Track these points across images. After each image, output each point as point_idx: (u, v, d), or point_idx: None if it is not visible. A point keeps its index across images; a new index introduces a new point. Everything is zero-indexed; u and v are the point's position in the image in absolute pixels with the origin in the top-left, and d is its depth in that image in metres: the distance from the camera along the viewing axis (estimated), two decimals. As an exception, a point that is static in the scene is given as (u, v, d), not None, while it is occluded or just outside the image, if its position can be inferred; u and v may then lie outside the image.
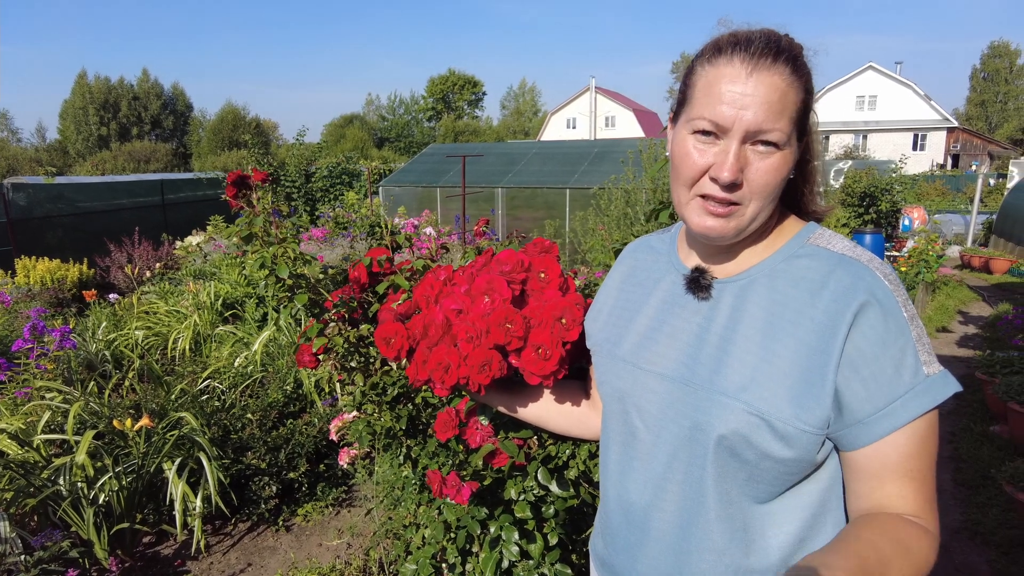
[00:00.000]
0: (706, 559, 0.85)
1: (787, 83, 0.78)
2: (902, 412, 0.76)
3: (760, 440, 0.78)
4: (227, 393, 3.57)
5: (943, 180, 23.93)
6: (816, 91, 0.85)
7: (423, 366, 1.01)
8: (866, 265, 0.80)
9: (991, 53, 49.34)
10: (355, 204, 8.95)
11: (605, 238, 2.37)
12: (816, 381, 0.77)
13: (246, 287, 5.34)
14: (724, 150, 0.79)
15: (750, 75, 0.77)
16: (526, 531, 1.40)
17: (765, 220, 0.84)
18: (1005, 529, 3.05)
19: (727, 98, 0.78)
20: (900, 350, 0.76)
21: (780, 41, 0.80)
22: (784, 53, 0.79)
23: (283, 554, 2.91)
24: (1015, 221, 11.70)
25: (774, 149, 0.79)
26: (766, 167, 0.79)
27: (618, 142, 12.01)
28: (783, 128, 0.78)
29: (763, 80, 0.77)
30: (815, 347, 0.78)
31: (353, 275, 1.61)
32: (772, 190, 0.81)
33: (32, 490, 2.62)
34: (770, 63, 0.78)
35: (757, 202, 0.81)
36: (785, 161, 0.80)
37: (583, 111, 40.13)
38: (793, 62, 0.79)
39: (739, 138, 0.78)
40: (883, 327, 0.76)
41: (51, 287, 6.72)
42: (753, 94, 0.77)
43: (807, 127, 0.84)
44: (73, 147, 46.97)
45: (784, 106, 0.78)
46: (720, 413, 0.81)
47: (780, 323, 0.81)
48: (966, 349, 6.16)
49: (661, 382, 0.88)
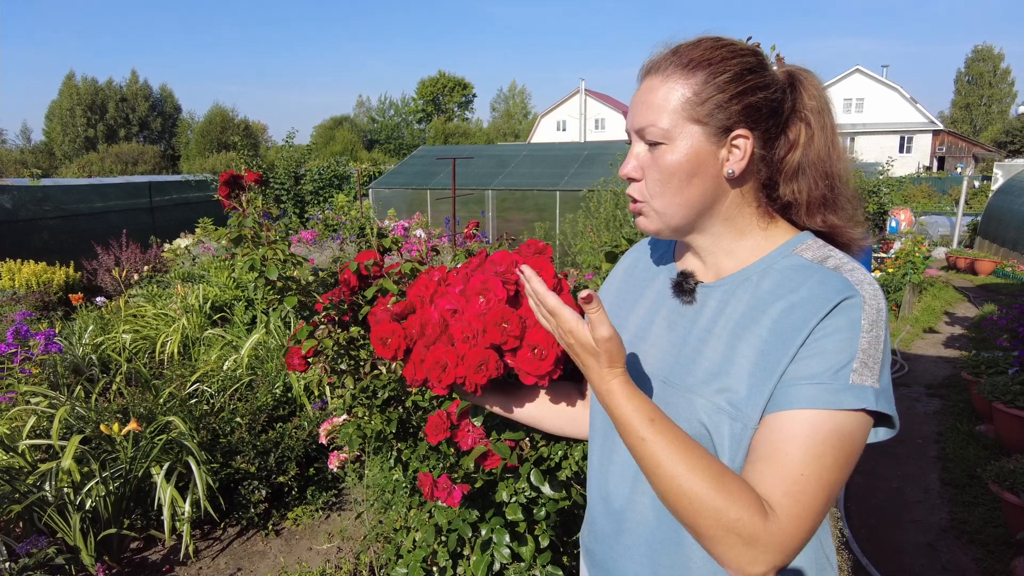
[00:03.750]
0: (679, 551, 0.86)
1: (666, 80, 0.83)
2: (803, 394, 0.73)
3: (726, 430, 0.80)
4: (216, 397, 3.54)
5: (929, 182, 24.21)
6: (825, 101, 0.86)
7: (420, 365, 1.01)
8: (844, 276, 0.78)
9: (975, 57, 49.92)
10: (345, 206, 8.92)
11: (594, 240, 2.37)
12: (767, 377, 0.77)
13: (235, 290, 5.31)
14: (629, 152, 0.88)
15: (640, 84, 0.87)
16: (517, 533, 1.40)
17: (688, 217, 0.86)
18: (991, 528, 3.09)
19: (629, 109, 0.88)
20: (837, 348, 0.74)
21: (677, 47, 0.85)
22: (675, 56, 0.84)
23: (273, 558, 2.89)
24: (999, 223, 11.85)
25: (658, 145, 0.83)
26: (657, 165, 0.84)
27: (608, 144, 12.03)
28: (656, 122, 0.82)
29: (645, 84, 0.85)
30: (776, 347, 0.77)
31: (343, 278, 1.60)
32: (666, 184, 0.84)
33: (17, 496, 2.59)
34: (657, 68, 0.85)
35: (658, 197, 0.85)
36: (673, 156, 0.82)
37: (573, 113, 40.24)
38: (683, 61, 0.83)
39: (635, 140, 0.87)
40: (834, 325, 0.75)
41: (37, 290, 6.64)
42: (638, 99, 0.86)
43: (725, 122, 0.81)
44: (59, 148, 46.45)
45: (665, 103, 0.82)
46: (687, 409, 0.83)
47: (749, 325, 0.81)
48: (952, 350, 6.22)
49: (647, 381, 0.91)
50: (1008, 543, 2.93)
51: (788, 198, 0.87)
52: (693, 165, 0.83)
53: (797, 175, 0.86)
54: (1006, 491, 2.84)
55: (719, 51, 0.83)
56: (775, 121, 0.84)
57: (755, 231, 0.88)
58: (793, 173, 0.86)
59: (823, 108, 0.87)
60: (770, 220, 0.89)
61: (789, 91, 0.85)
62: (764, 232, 0.88)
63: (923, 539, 3.07)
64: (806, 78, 0.87)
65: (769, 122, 0.84)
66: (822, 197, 0.87)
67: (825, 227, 0.88)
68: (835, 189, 0.87)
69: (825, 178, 0.86)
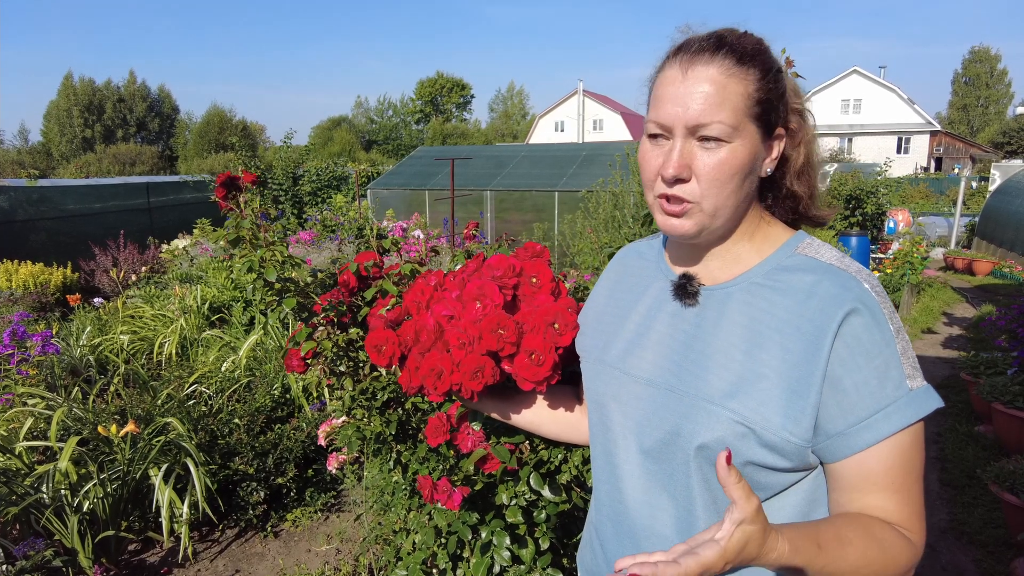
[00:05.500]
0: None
1: (727, 74, 0.78)
2: (884, 425, 0.75)
3: (745, 449, 0.78)
4: (214, 398, 3.53)
5: (927, 183, 24.27)
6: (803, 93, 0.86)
7: (415, 373, 1.00)
8: (854, 276, 0.79)
9: (972, 58, 50.04)
10: (343, 207, 8.91)
11: (594, 241, 2.37)
12: (802, 391, 0.76)
13: (233, 291, 5.30)
14: (670, 148, 0.80)
15: (687, 73, 0.79)
16: (517, 536, 1.39)
17: (733, 219, 0.84)
18: (991, 528, 3.09)
19: (668, 99, 0.80)
20: (884, 362, 0.76)
21: (723, 37, 0.80)
22: (725, 47, 0.79)
23: (271, 560, 2.88)
24: (997, 223, 11.87)
25: (720, 143, 0.78)
26: (713, 162, 0.78)
27: (606, 145, 12.03)
28: (724, 120, 0.77)
29: (699, 75, 0.78)
30: (801, 356, 0.77)
31: (342, 279, 1.60)
32: (724, 185, 0.79)
33: (14, 498, 2.58)
34: (708, 58, 0.79)
35: (712, 198, 0.80)
36: (735, 155, 0.78)
37: (571, 114, 40.23)
38: (736, 54, 0.79)
39: (682, 135, 0.79)
40: (868, 338, 0.76)
41: (34, 291, 6.62)
42: (690, 91, 0.78)
43: (773, 121, 0.82)
44: (57, 149, 46.37)
45: (724, 97, 0.77)
46: (705, 420, 0.80)
47: (766, 331, 0.80)
48: (951, 350, 6.22)
49: (647, 388, 0.88)
50: (1008, 544, 2.93)
51: (799, 193, 0.89)
52: (751, 164, 0.81)
53: (804, 170, 0.88)
54: (1006, 492, 2.84)
55: (761, 45, 0.82)
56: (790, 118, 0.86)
57: (759, 232, 0.89)
58: (801, 169, 0.88)
59: (804, 106, 0.89)
60: (770, 220, 0.90)
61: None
62: (765, 233, 0.89)
63: (922, 540, 3.07)
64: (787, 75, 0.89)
65: (790, 119, 0.85)
66: (814, 191, 0.91)
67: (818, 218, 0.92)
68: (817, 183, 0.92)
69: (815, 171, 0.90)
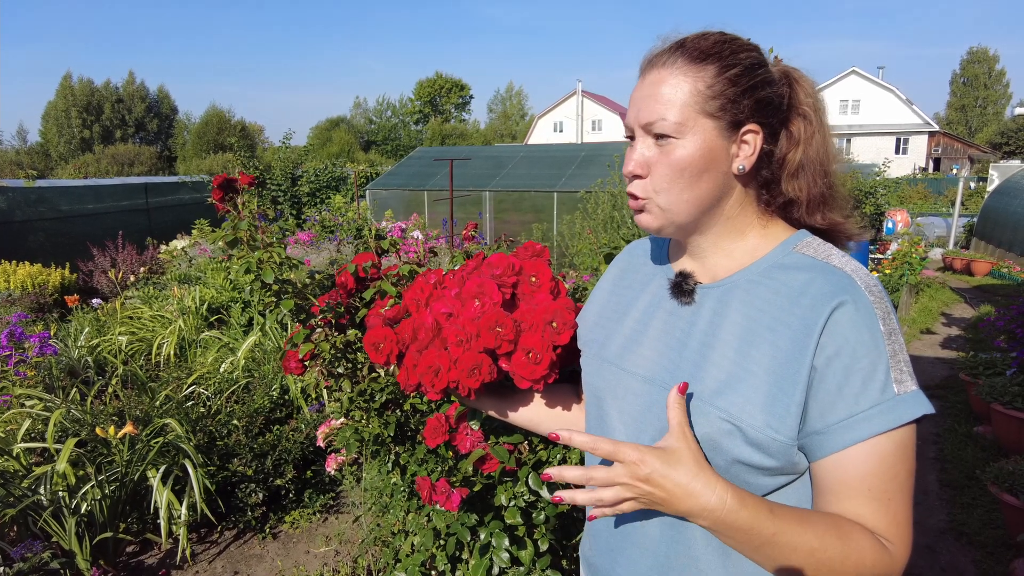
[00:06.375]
0: (683, 565, 0.85)
1: (678, 74, 0.80)
2: (863, 427, 0.74)
3: (731, 446, 0.78)
4: (212, 399, 3.52)
5: (925, 183, 24.29)
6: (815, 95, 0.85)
7: (413, 370, 1.00)
8: (849, 274, 0.79)
9: (970, 59, 50.14)
10: (342, 208, 8.91)
11: (593, 241, 2.37)
12: (788, 388, 0.76)
13: (231, 292, 5.29)
14: (630, 148, 0.86)
15: (644, 78, 0.84)
16: (516, 537, 1.39)
17: (695, 214, 0.84)
18: (990, 529, 3.09)
19: (630, 103, 0.86)
20: (871, 363, 0.74)
21: (683, 41, 0.83)
22: (680, 49, 0.82)
23: (270, 562, 2.88)
24: (995, 224, 11.89)
25: (669, 139, 0.81)
26: (664, 159, 0.81)
27: (605, 145, 12.03)
28: (668, 116, 0.80)
29: (651, 78, 0.83)
30: (789, 353, 0.77)
31: (340, 280, 1.59)
32: (674, 180, 0.81)
33: (11, 500, 2.57)
34: (663, 61, 0.82)
35: (664, 193, 0.83)
36: (685, 151, 0.80)
37: (570, 115, 40.26)
38: (690, 54, 0.81)
39: (640, 135, 0.84)
40: (855, 337, 0.75)
41: (32, 292, 6.61)
42: (643, 93, 0.83)
43: (738, 116, 0.81)
44: (55, 150, 46.31)
45: (672, 96, 0.80)
46: (694, 417, 0.81)
47: (758, 329, 0.80)
48: (949, 351, 6.23)
49: (642, 384, 0.89)
50: (1007, 545, 2.93)
51: (791, 195, 0.87)
52: (705, 160, 0.81)
53: (799, 172, 0.86)
54: (1005, 492, 2.84)
55: (728, 45, 0.82)
56: (779, 117, 0.84)
57: (754, 230, 0.88)
58: (796, 170, 0.86)
59: (819, 106, 0.88)
60: (769, 219, 0.89)
61: (787, 88, 0.86)
62: (763, 231, 0.88)
63: (922, 541, 3.06)
64: (800, 77, 0.88)
65: (775, 118, 0.84)
66: (821, 195, 0.88)
67: (825, 224, 0.89)
68: (833, 187, 0.89)
69: (824, 176, 0.87)
